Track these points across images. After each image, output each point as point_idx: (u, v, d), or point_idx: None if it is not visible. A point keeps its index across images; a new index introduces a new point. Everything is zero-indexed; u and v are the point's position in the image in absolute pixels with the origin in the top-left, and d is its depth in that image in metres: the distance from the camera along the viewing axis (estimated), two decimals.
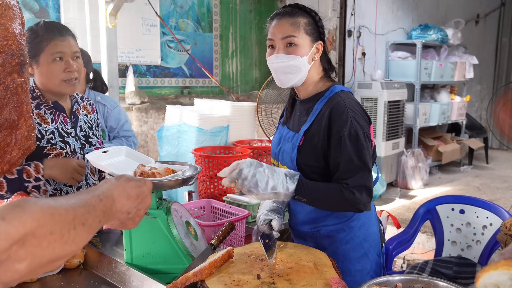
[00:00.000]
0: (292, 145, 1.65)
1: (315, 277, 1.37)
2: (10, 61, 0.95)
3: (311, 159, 1.60)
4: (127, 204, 0.99)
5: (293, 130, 1.70)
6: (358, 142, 1.54)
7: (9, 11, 0.96)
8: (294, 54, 1.59)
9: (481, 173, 7.25)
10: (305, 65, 1.61)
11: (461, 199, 2.66)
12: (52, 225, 0.73)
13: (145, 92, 4.53)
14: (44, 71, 1.83)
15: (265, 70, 5.79)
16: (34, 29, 1.83)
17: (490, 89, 9.45)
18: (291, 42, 1.59)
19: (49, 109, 1.90)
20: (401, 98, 6.19)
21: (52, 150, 1.86)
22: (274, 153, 1.77)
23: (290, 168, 1.63)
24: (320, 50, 1.65)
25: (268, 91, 3.18)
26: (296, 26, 1.59)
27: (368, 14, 6.45)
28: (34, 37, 1.81)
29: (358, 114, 1.58)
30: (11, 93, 0.97)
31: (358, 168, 1.53)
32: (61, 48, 1.82)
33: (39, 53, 1.81)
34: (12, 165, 1.02)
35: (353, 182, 1.52)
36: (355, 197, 1.52)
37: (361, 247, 1.69)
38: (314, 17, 1.63)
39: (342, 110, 1.56)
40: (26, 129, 1.03)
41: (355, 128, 1.54)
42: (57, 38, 1.82)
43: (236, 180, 1.45)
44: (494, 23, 9.24)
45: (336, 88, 1.65)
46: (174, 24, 4.89)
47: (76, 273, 1.65)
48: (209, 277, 1.37)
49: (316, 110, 1.62)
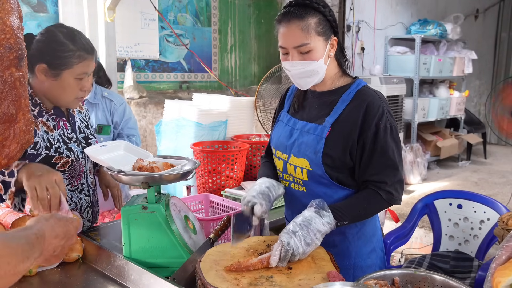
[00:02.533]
0: (317, 137, 1.58)
1: (313, 271, 1.37)
2: (8, 55, 0.95)
3: (338, 151, 1.55)
4: (54, 242, 1.11)
5: (312, 122, 1.62)
6: (392, 135, 1.54)
7: (7, 5, 0.96)
8: (309, 60, 1.53)
9: (479, 168, 7.26)
10: (321, 67, 1.56)
11: (459, 194, 2.66)
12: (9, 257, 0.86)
13: (144, 87, 4.52)
14: (63, 86, 1.73)
15: (263, 64, 5.78)
16: (61, 38, 1.70)
17: (489, 84, 9.45)
18: (304, 50, 1.52)
19: (51, 115, 1.82)
20: (399, 93, 6.19)
21: (59, 159, 1.81)
22: (284, 146, 1.68)
23: (313, 161, 1.57)
24: (335, 46, 1.59)
25: (266, 85, 3.18)
26: (307, 31, 1.50)
27: (367, 9, 6.44)
28: (62, 49, 1.69)
29: (390, 109, 1.59)
30: (9, 87, 0.96)
31: (393, 165, 1.53)
32: (87, 69, 1.76)
33: (64, 68, 1.70)
34: (10, 159, 1.02)
35: (392, 180, 1.53)
36: (393, 196, 1.54)
37: (371, 242, 1.68)
38: (323, 12, 1.52)
39: (377, 103, 1.54)
40: (25, 123, 1.03)
41: (390, 122, 1.54)
42: (88, 58, 1.74)
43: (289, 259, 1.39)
44: (493, 18, 9.22)
45: (362, 83, 1.63)
46: (172, 18, 4.88)
47: (75, 267, 1.66)
48: (207, 271, 1.37)
49: (344, 102, 1.58)
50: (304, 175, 1.62)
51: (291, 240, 1.39)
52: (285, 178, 1.71)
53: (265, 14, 5.77)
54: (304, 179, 1.63)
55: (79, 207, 1.95)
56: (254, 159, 2.75)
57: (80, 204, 1.95)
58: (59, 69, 1.70)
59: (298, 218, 1.45)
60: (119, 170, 1.60)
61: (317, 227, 1.43)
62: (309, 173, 1.61)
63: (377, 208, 1.58)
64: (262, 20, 5.75)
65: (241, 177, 2.61)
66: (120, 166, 1.62)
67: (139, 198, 1.69)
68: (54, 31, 1.72)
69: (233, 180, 2.53)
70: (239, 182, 2.57)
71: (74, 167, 1.87)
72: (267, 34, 5.79)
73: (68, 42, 1.70)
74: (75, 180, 1.90)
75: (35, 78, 1.73)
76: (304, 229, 1.42)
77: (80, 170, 1.92)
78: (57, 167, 1.80)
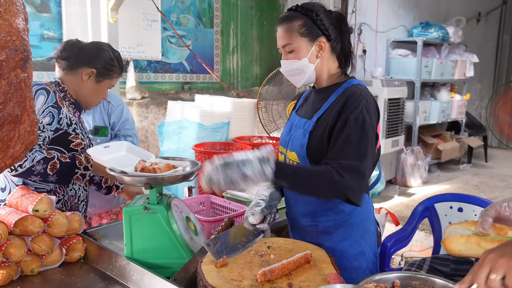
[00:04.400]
0: (304, 131, 1.66)
1: (314, 273, 1.38)
2: (14, 56, 0.96)
3: (318, 144, 1.61)
4: None
5: (305, 118, 1.71)
6: (362, 128, 1.53)
7: (13, 7, 0.96)
8: (292, 59, 1.66)
9: (480, 171, 7.26)
10: (307, 66, 1.66)
11: (459, 197, 2.66)
12: None
13: (146, 87, 4.53)
14: (98, 91, 2.10)
15: (265, 66, 5.79)
16: (111, 56, 2.09)
17: (490, 87, 9.45)
18: (288, 50, 1.66)
19: (70, 104, 2.08)
20: (401, 95, 6.20)
21: (75, 138, 2.02)
22: (284, 141, 1.78)
23: (300, 154, 1.64)
24: (325, 47, 1.66)
25: (268, 87, 3.19)
26: (290, 32, 1.64)
27: (369, 12, 6.45)
28: (112, 64, 2.08)
29: (370, 106, 1.59)
30: (14, 88, 0.97)
31: (355, 151, 1.51)
32: (115, 84, 2.17)
33: (106, 78, 2.09)
34: (14, 159, 1.03)
35: (346, 164, 1.48)
36: (344, 180, 1.46)
37: (358, 244, 1.70)
38: (310, 15, 1.64)
39: (356, 97, 1.58)
40: (29, 124, 1.03)
41: (363, 115, 1.54)
42: (120, 76, 2.18)
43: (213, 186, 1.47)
44: (495, 22, 9.23)
45: (354, 81, 1.69)
46: (175, 19, 4.89)
47: (76, 267, 1.67)
48: (209, 272, 1.38)
49: (332, 98, 1.65)
50: None
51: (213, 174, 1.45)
52: None
53: (267, 16, 5.78)
54: None
55: (77, 197, 2.12)
56: None
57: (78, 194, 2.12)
58: (103, 77, 2.07)
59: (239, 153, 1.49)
60: (122, 171, 1.61)
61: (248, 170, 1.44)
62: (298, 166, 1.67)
63: (325, 187, 1.50)
64: (264, 22, 5.76)
65: None
66: (123, 167, 1.63)
67: (141, 199, 1.70)
68: (106, 48, 2.10)
69: None
70: None
71: (84, 152, 2.04)
72: (269, 36, 5.80)
73: (115, 60, 2.11)
74: None
75: (74, 76, 2.04)
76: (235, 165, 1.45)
77: None
78: (72, 145, 2.01)
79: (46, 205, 1.61)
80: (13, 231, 1.55)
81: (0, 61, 0.93)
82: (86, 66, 2.03)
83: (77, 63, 2.04)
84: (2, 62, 0.93)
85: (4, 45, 0.93)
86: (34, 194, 1.65)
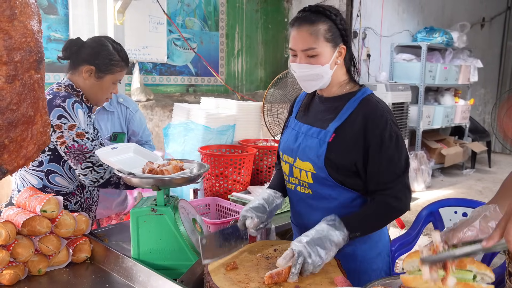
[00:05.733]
0: (320, 141, 1.61)
1: (321, 276, 1.39)
2: (28, 57, 0.97)
3: (340, 157, 1.58)
4: None
5: (316, 126, 1.66)
6: (397, 144, 1.56)
7: (28, 9, 0.98)
8: (315, 64, 1.59)
9: (483, 176, 7.25)
10: (327, 72, 1.61)
11: (464, 202, 2.66)
12: None
13: (151, 90, 4.55)
14: (102, 87, 2.05)
15: (270, 69, 5.81)
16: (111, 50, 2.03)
17: (494, 93, 9.44)
18: (311, 54, 1.58)
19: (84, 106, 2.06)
20: (405, 100, 6.20)
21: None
22: (290, 149, 1.72)
23: (316, 164, 1.61)
24: (343, 54, 1.63)
25: (273, 91, 3.20)
26: (315, 36, 1.56)
27: (374, 16, 6.46)
28: (111, 58, 2.01)
29: (393, 116, 1.61)
30: (28, 89, 0.98)
31: (399, 170, 1.55)
32: (121, 77, 2.11)
33: (108, 73, 2.02)
34: (27, 159, 1.04)
35: (398, 185, 1.55)
36: (402, 202, 1.55)
37: (377, 247, 1.70)
38: (334, 20, 1.58)
39: (380, 113, 1.57)
40: (42, 124, 1.05)
41: (395, 131, 1.56)
42: (125, 69, 2.10)
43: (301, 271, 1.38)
44: (499, 27, 9.23)
45: (367, 91, 1.66)
46: (181, 22, 4.91)
47: (83, 268, 1.67)
48: (216, 274, 1.39)
49: (348, 109, 1.61)
50: (309, 177, 1.65)
51: (303, 248, 1.39)
52: (291, 181, 1.73)
53: (272, 20, 5.80)
54: (309, 181, 1.65)
55: (92, 198, 2.13)
56: (261, 164, 2.77)
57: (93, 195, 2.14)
58: (104, 73, 2.01)
59: (311, 231, 1.47)
60: (130, 172, 1.62)
61: (330, 237, 1.44)
62: (313, 176, 1.63)
63: (388, 217, 1.61)
64: (269, 25, 5.78)
65: (248, 182, 2.62)
66: (130, 168, 1.64)
67: (148, 200, 1.70)
68: (105, 42, 2.04)
69: (240, 184, 2.54)
70: (246, 186, 2.59)
71: None
72: (274, 39, 5.81)
73: (116, 53, 2.03)
74: None
75: (78, 75, 2.01)
76: (316, 239, 1.42)
77: None
78: None
79: (54, 205, 1.62)
80: (21, 231, 1.56)
81: (15, 62, 0.94)
82: (85, 63, 1.99)
83: (78, 62, 2.01)
84: (16, 63, 0.94)
85: (19, 46, 0.94)
86: (42, 195, 1.66)
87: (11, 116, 0.95)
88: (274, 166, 2.00)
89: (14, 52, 0.94)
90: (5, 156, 0.96)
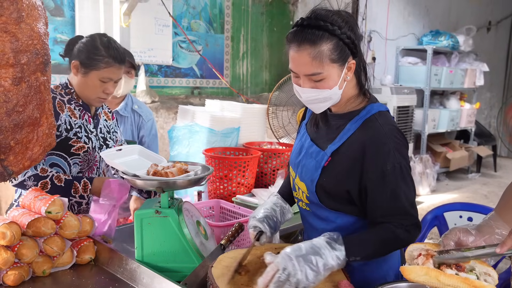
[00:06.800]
0: (316, 164, 1.50)
1: (324, 280, 1.38)
2: (35, 60, 0.97)
3: (333, 183, 1.46)
4: None
5: (318, 145, 1.54)
6: (402, 175, 1.39)
7: (35, 11, 0.98)
8: (322, 88, 1.41)
9: (489, 181, 7.22)
10: (336, 93, 1.44)
11: (469, 207, 2.65)
12: None
13: (156, 92, 4.56)
14: (88, 84, 1.96)
15: (275, 72, 5.81)
16: (97, 44, 1.93)
17: (500, 96, 9.41)
18: (316, 79, 1.40)
19: (78, 106, 2.02)
20: (410, 103, 6.19)
21: (77, 142, 1.97)
22: (294, 163, 1.63)
23: (309, 188, 1.51)
24: (353, 68, 1.44)
25: (278, 93, 3.20)
26: (319, 60, 1.35)
27: (379, 19, 6.45)
28: (95, 52, 1.91)
29: (399, 143, 1.42)
30: (34, 91, 0.99)
31: (408, 206, 1.40)
32: (112, 75, 1.96)
33: (92, 68, 1.92)
34: (33, 161, 1.05)
35: (409, 222, 1.39)
36: (411, 235, 1.39)
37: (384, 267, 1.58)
38: (339, 35, 1.36)
39: (382, 140, 1.40)
40: (47, 126, 1.05)
41: (398, 161, 1.39)
42: (115, 66, 1.95)
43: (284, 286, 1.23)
44: (505, 31, 9.20)
45: (374, 108, 1.47)
46: (186, 24, 4.92)
47: (87, 269, 1.68)
48: (219, 277, 1.38)
49: (349, 131, 1.46)
50: (305, 198, 1.59)
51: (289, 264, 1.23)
52: (295, 195, 1.69)
53: (277, 22, 5.80)
54: (306, 202, 1.60)
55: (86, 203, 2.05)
56: (265, 167, 2.76)
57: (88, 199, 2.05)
58: (88, 68, 1.92)
59: (306, 243, 1.31)
60: (134, 174, 1.62)
61: (324, 259, 1.27)
62: (308, 198, 1.57)
63: (394, 247, 1.46)
64: (275, 28, 5.78)
65: (252, 184, 2.62)
66: (135, 170, 1.64)
67: (153, 202, 1.71)
68: (95, 37, 1.96)
69: (244, 187, 2.54)
70: (250, 189, 2.59)
71: (89, 155, 2.01)
72: (279, 42, 5.81)
73: (102, 48, 1.92)
74: (86, 171, 2.02)
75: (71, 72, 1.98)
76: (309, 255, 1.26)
77: (93, 163, 2.04)
78: (73, 149, 1.96)
79: (59, 207, 1.62)
80: (26, 232, 1.56)
81: (21, 64, 0.94)
82: (73, 59, 1.96)
83: (70, 58, 1.99)
84: (23, 65, 0.94)
85: (25, 48, 0.95)
86: (47, 196, 1.66)
87: (17, 118, 0.95)
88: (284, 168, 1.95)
89: (21, 54, 0.95)
90: (11, 157, 0.96)
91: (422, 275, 1.15)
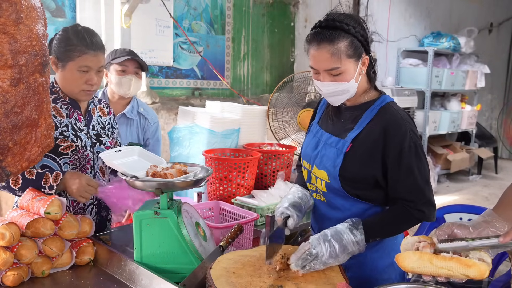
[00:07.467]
0: (337, 151, 1.61)
1: (323, 282, 1.38)
2: (33, 61, 0.98)
3: (356, 167, 1.57)
4: None
5: (335, 135, 1.66)
6: (417, 154, 1.53)
7: (34, 13, 0.99)
8: (340, 82, 1.56)
9: (490, 182, 7.21)
10: (353, 86, 1.59)
11: (469, 209, 2.65)
12: None
13: (157, 93, 4.56)
14: (68, 77, 1.90)
15: (276, 73, 5.81)
16: (69, 35, 1.88)
17: (501, 98, 9.40)
18: (335, 73, 1.55)
19: (65, 104, 1.96)
20: (411, 105, 6.18)
21: (63, 141, 1.90)
22: (309, 156, 1.73)
23: (331, 174, 1.60)
24: (367, 63, 1.61)
25: (279, 95, 3.20)
26: (337, 56, 1.52)
27: (380, 21, 6.45)
28: (67, 43, 1.87)
29: (414, 125, 1.59)
30: (32, 92, 0.99)
31: (422, 182, 1.54)
32: (89, 63, 1.89)
33: (67, 60, 1.87)
34: (31, 162, 1.05)
35: (421, 200, 1.54)
36: (425, 215, 1.54)
37: (389, 256, 1.65)
38: (354, 34, 1.53)
39: (399, 122, 1.55)
40: (46, 127, 1.05)
41: (413, 140, 1.54)
42: (89, 53, 1.88)
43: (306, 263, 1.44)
44: (507, 33, 9.19)
45: (387, 98, 1.65)
46: (187, 25, 4.93)
47: (86, 270, 1.68)
48: (218, 278, 1.38)
49: (366, 118, 1.60)
50: (323, 186, 1.66)
51: (319, 245, 1.44)
52: (309, 188, 1.77)
53: (278, 24, 5.80)
54: (323, 190, 1.67)
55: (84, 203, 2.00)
56: (265, 168, 2.76)
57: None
58: (64, 61, 1.88)
59: (331, 229, 1.50)
60: (133, 175, 1.62)
61: (346, 244, 1.46)
62: (327, 185, 1.64)
63: (408, 225, 1.60)
64: (276, 29, 5.78)
65: (252, 186, 2.62)
66: (134, 171, 1.64)
67: (152, 203, 1.71)
68: (67, 29, 1.91)
69: (244, 188, 2.54)
70: (250, 190, 2.58)
71: (79, 154, 1.95)
72: (280, 43, 5.81)
73: (73, 37, 1.87)
74: (79, 170, 1.95)
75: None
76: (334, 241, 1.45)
77: (86, 161, 1.97)
78: (60, 149, 1.89)
79: (57, 207, 1.62)
80: (25, 233, 1.57)
81: (20, 66, 0.95)
82: (50, 55, 1.88)
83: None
84: (21, 67, 0.94)
85: (24, 50, 0.95)
86: (45, 197, 1.66)
87: (15, 119, 0.95)
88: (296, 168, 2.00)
89: (19, 55, 0.95)
90: (9, 158, 0.96)
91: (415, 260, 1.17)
